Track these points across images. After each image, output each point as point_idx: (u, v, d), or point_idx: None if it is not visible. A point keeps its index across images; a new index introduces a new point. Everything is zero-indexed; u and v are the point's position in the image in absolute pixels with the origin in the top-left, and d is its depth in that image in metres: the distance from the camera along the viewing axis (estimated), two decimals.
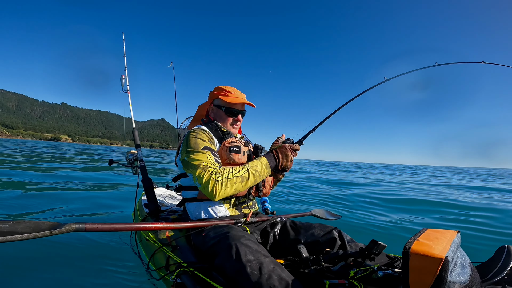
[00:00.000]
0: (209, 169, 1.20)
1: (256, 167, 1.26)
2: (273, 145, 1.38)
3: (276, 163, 1.32)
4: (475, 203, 5.41)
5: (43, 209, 3.50)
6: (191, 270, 1.05)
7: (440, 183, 10.70)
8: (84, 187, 5.85)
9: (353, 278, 0.88)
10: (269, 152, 1.35)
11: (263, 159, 1.31)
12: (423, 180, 12.05)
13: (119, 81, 2.56)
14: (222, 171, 1.20)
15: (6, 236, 0.70)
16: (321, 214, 2.16)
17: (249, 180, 1.23)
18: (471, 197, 6.49)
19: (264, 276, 0.89)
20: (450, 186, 9.46)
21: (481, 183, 11.01)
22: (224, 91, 1.55)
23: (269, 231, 1.42)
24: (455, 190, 8.13)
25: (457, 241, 0.78)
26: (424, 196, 6.23)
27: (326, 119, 1.54)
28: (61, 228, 0.84)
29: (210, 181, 1.17)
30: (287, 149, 1.33)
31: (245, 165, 1.26)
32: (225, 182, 1.17)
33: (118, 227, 1.03)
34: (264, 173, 1.29)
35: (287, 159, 1.33)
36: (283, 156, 1.32)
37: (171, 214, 1.90)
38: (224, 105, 1.54)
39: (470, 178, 14.75)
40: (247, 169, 1.24)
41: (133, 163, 2.37)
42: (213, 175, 1.18)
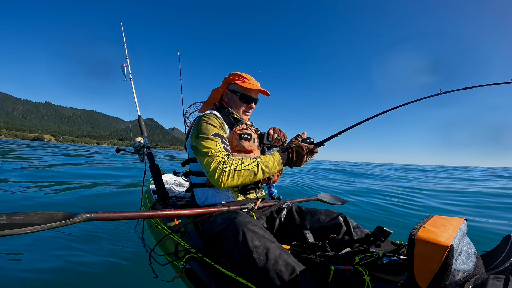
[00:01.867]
0: (217, 158, 1.20)
1: (268, 163, 1.25)
2: (291, 142, 1.34)
3: (289, 162, 1.30)
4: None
5: (54, 201, 3.60)
6: (200, 256, 1.08)
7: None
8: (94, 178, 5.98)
9: (358, 264, 0.90)
10: (285, 150, 1.32)
11: (277, 155, 1.29)
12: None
13: (121, 70, 2.55)
14: (231, 162, 1.20)
15: (22, 228, 0.73)
16: (327, 199, 2.17)
17: (257, 175, 1.23)
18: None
19: (270, 261, 0.91)
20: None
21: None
22: (241, 77, 1.54)
23: (275, 217, 1.44)
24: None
25: (463, 229, 0.78)
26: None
27: (353, 126, 1.40)
28: (74, 218, 0.86)
29: (217, 170, 1.17)
30: (304, 150, 1.29)
31: (256, 159, 1.25)
32: (232, 173, 1.17)
33: (128, 215, 1.06)
34: (274, 169, 1.28)
35: (302, 159, 1.29)
36: (298, 156, 1.29)
37: (179, 200, 1.94)
38: (240, 90, 1.53)
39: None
40: (257, 164, 1.23)
41: (140, 150, 2.41)
42: (221, 165, 1.18)
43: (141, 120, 2.50)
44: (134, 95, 2.57)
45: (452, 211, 4.11)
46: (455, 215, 1.91)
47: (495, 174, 14.82)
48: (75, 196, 3.89)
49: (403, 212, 3.86)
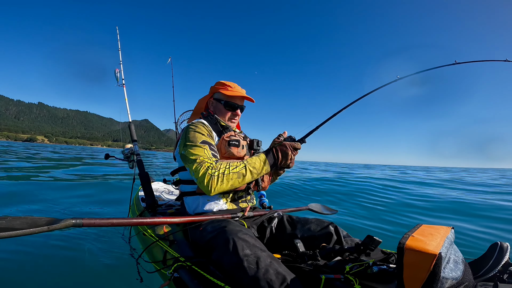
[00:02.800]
0: (205, 164, 1.20)
1: (255, 164, 1.25)
2: (274, 143, 1.35)
3: (275, 161, 1.30)
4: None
5: (39, 206, 3.49)
6: (189, 264, 1.06)
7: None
8: (81, 182, 5.83)
9: (349, 273, 0.90)
10: (269, 150, 1.33)
11: (262, 156, 1.29)
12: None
13: (113, 75, 2.53)
14: (219, 166, 1.19)
15: (4, 232, 0.70)
16: (318, 209, 2.18)
17: (246, 177, 1.22)
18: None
19: (261, 270, 0.90)
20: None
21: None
22: (225, 85, 1.55)
23: (266, 226, 1.44)
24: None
25: (450, 237, 0.79)
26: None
27: (330, 118, 1.46)
28: (59, 224, 0.84)
29: (206, 176, 1.16)
30: (287, 148, 1.30)
31: (243, 161, 1.25)
32: (221, 177, 1.17)
33: (115, 222, 1.03)
34: (262, 170, 1.27)
35: (287, 157, 1.30)
36: (282, 155, 1.30)
37: (168, 208, 1.90)
38: (223, 98, 1.54)
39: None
40: (245, 166, 1.23)
41: (130, 157, 2.36)
42: (209, 170, 1.17)
43: (132, 126, 2.47)
44: (126, 101, 2.54)
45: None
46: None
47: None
48: (60, 201, 3.77)
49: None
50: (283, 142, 1.32)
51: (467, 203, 4.90)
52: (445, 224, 1.03)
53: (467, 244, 2.78)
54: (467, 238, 2.96)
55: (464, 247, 2.73)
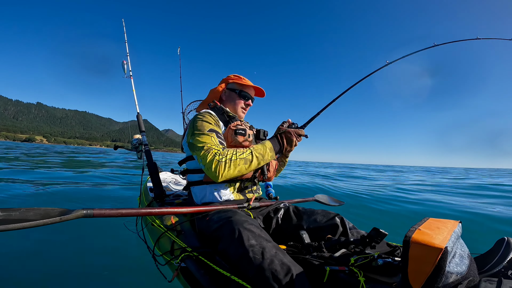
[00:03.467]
0: (212, 151, 1.22)
1: (260, 150, 1.29)
2: (278, 130, 1.41)
3: (280, 147, 1.35)
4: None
5: (50, 197, 3.59)
6: (195, 254, 1.08)
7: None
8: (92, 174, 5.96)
9: (353, 265, 0.90)
10: (274, 137, 1.38)
11: (268, 142, 1.33)
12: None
13: (121, 67, 2.54)
14: (226, 153, 1.22)
15: (18, 223, 0.72)
16: (324, 200, 2.18)
17: (252, 163, 1.25)
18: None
19: (266, 260, 0.91)
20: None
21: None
22: (239, 77, 1.63)
23: (272, 217, 1.45)
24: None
25: (457, 232, 0.78)
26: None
27: (329, 104, 1.54)
28: (70, 214, 0.86)
29: (213, 162, 1.19)
30: (292, 134, 1.36)
31: (249, 148, 1.28)
32: (228, 163, 1.19)
33: (124, 212, 1.05)
34: (268, 156, 1.31)
35: (291, 143, 1.36)
36: (287, 141, 1.35)
37: (176, 198, 1.94)
38: (238, 88, 1.61)
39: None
40: (251, 152, 1.26)
41: (138, 148, 2.40)
42: (217, 156, 1.20)
43: (140, 117, 2.49)
44: (133, 93, 2.56)
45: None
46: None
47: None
48: (72, 194, 3.88)
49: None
50: (288, 129, 1.37)
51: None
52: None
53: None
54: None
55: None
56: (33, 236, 2.16)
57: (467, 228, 3.32)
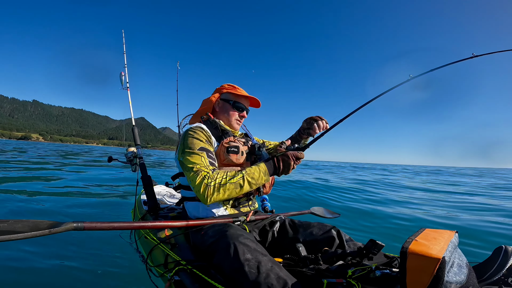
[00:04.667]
0: (202, 173, 1.19)
1: (253, 174, 1.23)
2: (276, 151, 1.33)
3: (275, 170, 1.28)
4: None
5: (40, 208, 3.50)
6: (190, 268, 1.05)
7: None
8: (84, 185, 5.86)
9: (351, 277, 0.89)
10: (270, 160, 1.30)
11: (262, 166, 1.27)
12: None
13: (118, 78, 2.55)
14: (215, 176, 1.18)
15: (5, 235, 0.70)
16: (320, 212, 2.16)
17: (243, 188, 1.20)
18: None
19: (262, 275, 0.89)
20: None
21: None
22: (233, 87, 1.57)
23: (268, 230, 1.43)
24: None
25: (454, 241, 0.78)
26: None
27: (333, 126, 1.39)
28: (60, 227, 0.84)
29: (202, 185, 1.16)
30: (289, 158, 1.27)
31: (241, 171, 1.23)
32: (217, 187, 1.15)
33: (116, 226, 1.03)
34: (261, 180, 1.25)
35: (289, 168, 1.28)
36: (284, 165, 1.28)
37: (170, 212, 1.90)
38: (232, 98, 1.55)
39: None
40: (243, 176, 1.20)
41: (133, 161, 2.37)
42: (205, 180, 1.16)
43: (135, 130, 2.48)
44: (130, 105, 2.56)
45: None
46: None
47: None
48: (62, 205, 3.79)
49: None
50: (286, 152, 1.30)
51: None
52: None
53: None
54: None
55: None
56: (21, 246, 2.10)
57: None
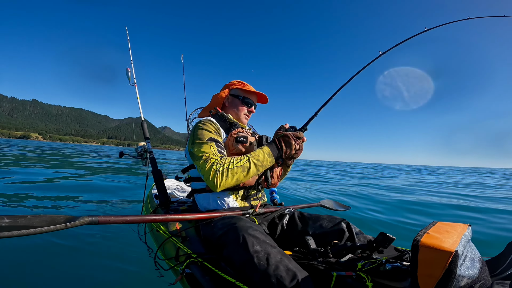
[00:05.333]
0: (210, 160, 1.21)
1: (258, 156, 1.25)
2: (276, 134, 1.36)
3: (279, 152, 1.30)
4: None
5: (56, 204, 3.61)
6: (200, 260, 1.07)
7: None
8: (95, 181, 6.00)
9: (361, 270, 0.89)
10: (272, 141, 1.33)
11: (265, 148, 1.29)
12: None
13: (125, 74, 2.58)
14: (223, 162, 1.20)
15: (24, 230, 0.73)
16: (330, 205, 2.15)
17: (250, 170, 1.22)
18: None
19: (271, 266, 0.90)
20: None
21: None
22: (242, 83, 1.63)
23: (277, 222, 1.44)
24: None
25: (467, 235, 0.77)
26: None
27: (326, 103, 1.50)
28: (76, 221, 0.86)
29: (211, 171, 1.18)
30: (290, 137, 1.30)
31: (246, 155, 1.26)
32: (225, 172, 1.17)
33: (129, 219, 1.05)
34: (266, 162, 1.27)
35: (291, 147, 1.30)
36: (286, 145, 1.30)
37: (181, 205, 1.94)
38: (241, 94, 1.61)
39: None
40: (248, 159, 1.23)
41: (143, 155, 2.42)
42: (214, 166, 1.18)
43: (145, 124, 2.51)
44: (138, 100, 2.59)
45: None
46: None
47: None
48: (77, 201, 3.90)
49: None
50: (285, 132, 1.32)
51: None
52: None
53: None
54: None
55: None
56: (38, 240, 2.18)
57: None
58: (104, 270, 1.85)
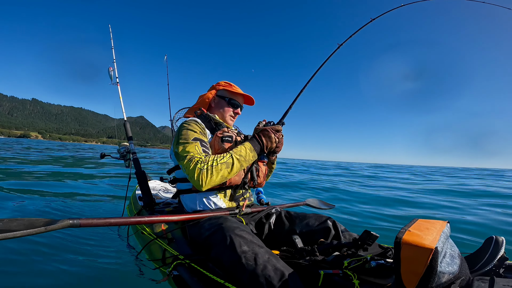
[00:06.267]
0: (194, 159, 1.21)
1: (240, 152, 1.28)
2: (255, 130, 1.40)
3: (261, 146, 1.34)
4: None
5: (36, 207, 3.45)
6: (188, 262, 1.06)
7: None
8: (77, 181, 5.79)
9: (347, 268, 0.91)
10: (252, 137, 1.37)
11: (247, 143, 1.33)
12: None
13: (107, 74, 2.50)
14: (207, 160, 1.21)
15: (1, 233, 0.69)
16: (315, 204, 2.19)
17: (234, 166, 1.23)
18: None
19: (259, 266, 0.91)
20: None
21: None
22: (229, 84, 1.63)
23: (264, 222, 1.44)
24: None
25: (446, 232, 0.80)
26: None
27: (299, 94, 1.57)
28: (56, 225, 0.83)
29: (195, 170, 1.17)
30: (269, 131, 1.35)
31: (229, 152, 1.28)
32: (210, 170, 1.18)
33: (113, 222, 1.03)
34: (249, 157, 1.30)
35: (271, 140, 1.35)
36: (266, 139, 1.34)
37: (166, 206, 1.91)
38: (227, 95, 1.61)
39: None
40: (231, 155, 1.25)
41: (126, 156, 2.34)
42: (198, 164, 1.19)
43: (127, 124, 2.44)
44: (120, 100, 2.51)
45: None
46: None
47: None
48: (56, 203, 3.74)
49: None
50: (264, 127, 1.37)
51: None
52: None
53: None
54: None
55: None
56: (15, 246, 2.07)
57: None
58: (86, 275, 1.79)
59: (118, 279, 1.73)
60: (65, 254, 2.04)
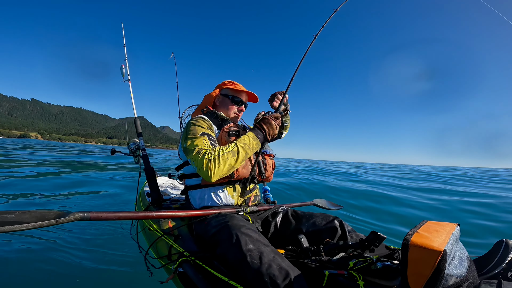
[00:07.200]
0: (202, 151, 1.24)
1: (244, 140, 1.31)
2: (255, 120, 1.45)
3: (264, 134, 1.39)
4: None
5: (48, 200, 3.55)
6: (193, 259, 1.07)
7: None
8: (87, 177, 5.91)
9: (352, 269, 0.90)
10: (254, 127, 1.42)
11: (249, 133, 1.37)
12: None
13: (119, 71, 2.54)
14: (214, 150, 1.24)
15: (13, 225, 0.71)
16: (323, 204, 2.17)
17: (239, 154, 1.26)
18: None
19: (264, 265, 0.91)
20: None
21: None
22: (233, 83, 1.66)
23: (271, 221, 1.44)
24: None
25: (456, 234, 0.78)
26: None
27: (291, 81, 1.59)
28: (67, 217, 0.85)
29: (203, 161, 1.20)
30: (269, 119, 1.40)
31: (233, 141, 1.31)
32: (217, 159, 1.20)
33: (121, 216, 1.04)
34: (253, 145, 1.33)
35: (272, 127, 1.39)
36: (267, 126, 1.39)
37: (173, 203, 1.92)
38: (231, 93, 1.64)
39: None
40: (236, 144, 1.28)
41: (135, 152, 2.39)
42: (206, 155, 1.21)
43: (138, 121, 2.48)
44: (131, 97, 2.56)
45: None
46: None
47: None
48: (68, 198, 3.84)
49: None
50: (263, 116, 1.43)
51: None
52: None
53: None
54: None
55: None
56: (28, 238, 2.14)
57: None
58: (95, 269, 1.83)
59: (124, 276, 1.77)
60: (75, 247, 2.10)
